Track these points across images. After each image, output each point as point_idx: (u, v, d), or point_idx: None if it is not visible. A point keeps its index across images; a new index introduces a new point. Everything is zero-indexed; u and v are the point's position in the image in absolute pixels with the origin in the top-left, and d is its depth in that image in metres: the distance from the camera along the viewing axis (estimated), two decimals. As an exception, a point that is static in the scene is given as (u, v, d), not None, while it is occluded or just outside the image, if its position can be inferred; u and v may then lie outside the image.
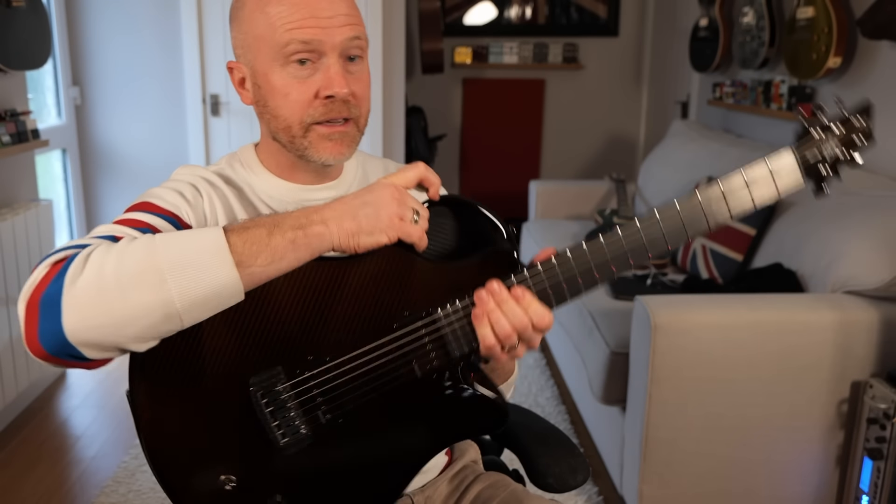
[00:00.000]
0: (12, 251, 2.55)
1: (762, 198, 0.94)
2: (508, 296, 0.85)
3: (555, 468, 1.12)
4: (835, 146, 1.00)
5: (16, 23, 2.58)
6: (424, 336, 0.87)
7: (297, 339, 0.85)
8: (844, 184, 2.25)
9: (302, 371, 0.85)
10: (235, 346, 0.83)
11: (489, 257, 0.89)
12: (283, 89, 0.93)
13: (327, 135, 0.95)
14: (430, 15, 4.03)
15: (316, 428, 0.86)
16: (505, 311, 0.85)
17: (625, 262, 0.89)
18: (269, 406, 0.84)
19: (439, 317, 0.87)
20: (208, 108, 3.63)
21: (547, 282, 0.87)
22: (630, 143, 4.89)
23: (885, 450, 1.76)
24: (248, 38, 0.95)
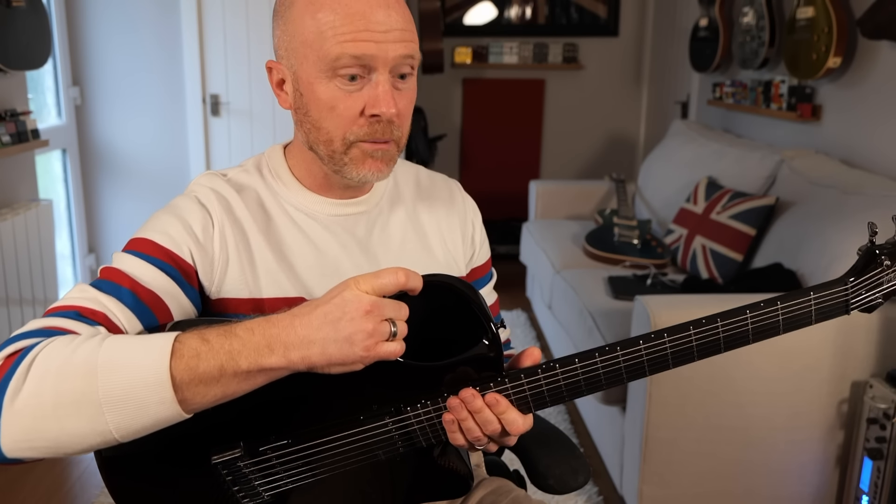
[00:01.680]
0: (12, 251, 2.55)
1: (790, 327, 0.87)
2: (483, 405, 0.82)
3: (555, 469, 1.12)
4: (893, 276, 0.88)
5: (16, 23, 2.58)
6: (392, 430, 0.85)
7: (260, 417, 0.84)
8: (844, 184, 2.26)
9: (265, 451, 0.85)
10: (198, 419, 0.77)
11: (470, 360, 0.84)
12: (329, 101, 0.88)
13: (370, 151, 0.90)
14: (430, 15, 4.03)
15: (278, 494, 0.88)
16: (477, 420, 0.82)
17: (619, 379, 0.84)
18: (230, 476, 0.85)
19: (409, 416, 0.85)
20: (208, 108, 3.63)
21: (528, 391, 0.84)
22: (630, 143, 4.89)
23: (885, 450, 1.76)
24: (295, 42, 0.89)
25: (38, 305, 2.73)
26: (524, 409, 0.84)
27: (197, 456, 0.85)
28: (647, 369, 0.84)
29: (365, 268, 0.98)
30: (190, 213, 0.92)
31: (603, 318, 2.27)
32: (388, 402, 0.85)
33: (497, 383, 0.83)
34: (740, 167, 2.77)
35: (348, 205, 0.99)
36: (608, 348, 0.83)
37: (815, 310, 0.85)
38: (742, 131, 3.39)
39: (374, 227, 1.01)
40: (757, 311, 0.84)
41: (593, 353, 0.83)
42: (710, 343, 0.86)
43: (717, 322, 0.85)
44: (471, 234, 1.11)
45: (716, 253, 2.53)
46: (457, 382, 0.84)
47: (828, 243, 2.03)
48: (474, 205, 1.14)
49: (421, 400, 0.84)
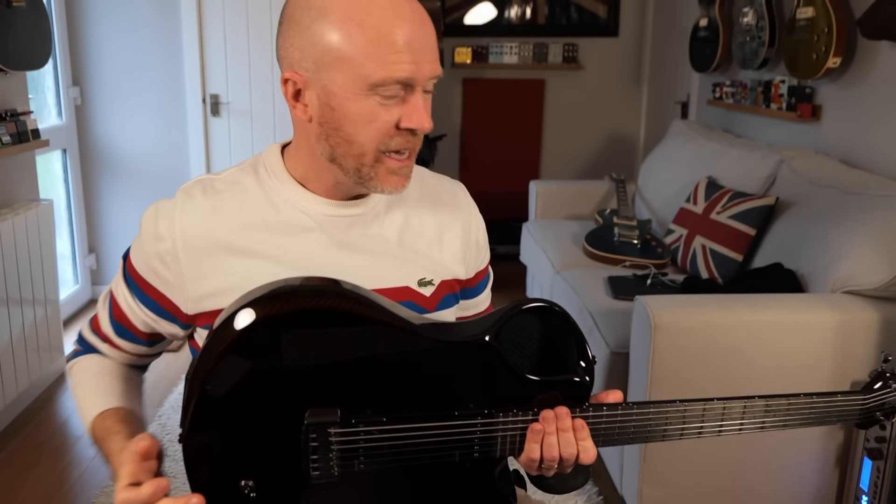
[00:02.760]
0: (12, 251, 2.55)
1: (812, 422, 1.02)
2: (570, 425, 0.90)
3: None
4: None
5: (16, 23, 2.58)
6: (477, 431, 0.90)
7: (362, 390, 0.88)
8: (844, 184, 2.26)
9: (357, 422, 0.87)
10: (305, 377, 0.85)
11: (564, 383, 0.92)
12: (367, 116, 0.89)
13: (396, 169, 0.93)
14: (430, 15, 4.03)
15: (347, 472, 0.89)
16: (560, 439, 0.90)
17: (679, 432, 0.96)
18: (315, 442, 0.86)
19: (497, 421, 0.90)
20: (208, 108, 3.63)
21: (603, 425, 0.93)
22: (630, 143, 4.89)
23: (885, 450, 1.76)
24: (328, 57, 0.87)
25: (37, 305, 2.73)
26: (596, 441, 0.93)
27: (289, 413, 0.86)
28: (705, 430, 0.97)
29: (357, 267, 0.98)
30: (147, 243, 0.98)
31: (603, 318, 2.27)
32: (483, 405, 0.90)
33: (583, 410, 0.92)
34: (740, 167, 2.78)
35: (345, 206, 0.99)
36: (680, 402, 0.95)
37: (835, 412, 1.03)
38: (742, 131, 3.39)
39: (370, 229, 1.00)
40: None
41: (673, 402, 0.95)
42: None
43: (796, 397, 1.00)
44: (474, 238, 1.10)
45: (716, 253, 2.53)
46: (547, 402, 0.91)
47: (828, 243, 2.03)
48: (477, 208, 1.15)
49: (513, 409, 0.91)
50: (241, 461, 0.86)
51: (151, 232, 0.97)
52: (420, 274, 1.01)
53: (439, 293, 1.03)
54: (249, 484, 0.86)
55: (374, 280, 0.98)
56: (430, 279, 1.02)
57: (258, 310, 0.84)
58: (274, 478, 0.87)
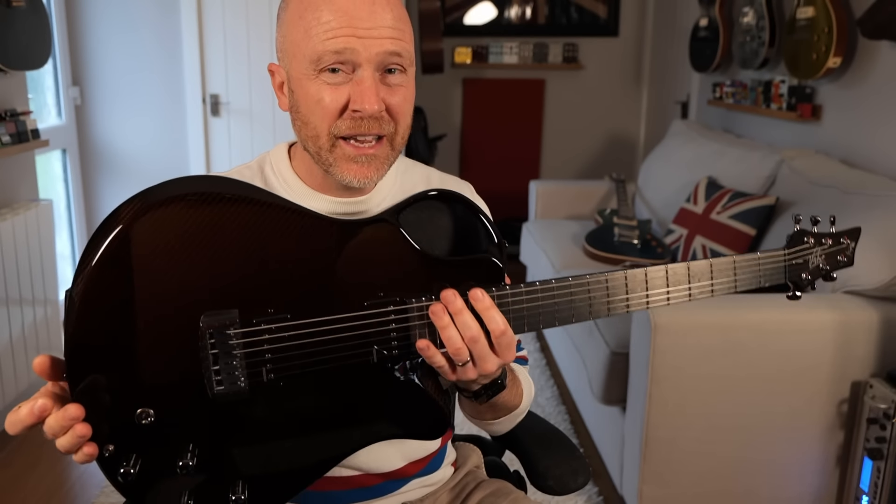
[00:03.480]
0: (12, 251, 2.55)
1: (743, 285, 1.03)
2: (463, 305, 0.82)
3: (555, 470, 1.12)
4: (820, 259, 1.09)
5: (16, 23, 2.58)
6: (391, 322, 0.83)
7: (261, 287, 0.80)
8: (845, 184, 2.26)
9: (258, 322, 0.79)
10: (199, 272, 0.77)
11: (474, 263, 0.88)
12: (315, 95, 0.89)
13: (353, 156, 0.90)
14: (430, 15, 4.03)
15: (254, 384, 0.80)
16: (458, 324, 0.82)
17: (604, 310, 0.91)
18: (215, 349, 0.78)
19: (411, 307, 0.84)
20: (208, 108, 3.63)
21: (511, 307, 0.86)
22: (630, 143, 4.89)
23: (885, 450, 1.76)
24: (287, 43, 0.92)
25: (37, 305, 2.73)
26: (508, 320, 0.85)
27: (182, 318, 0.78)
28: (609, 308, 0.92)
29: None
30: None
31: (603, 318, 2.27)
32: (394, 293, 0.84)
33: (486, 288, 0.85)
34: (740, 167, 2.77)
35: (348, 204, 0.99)
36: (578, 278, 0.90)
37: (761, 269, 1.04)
38: (742, 131, 3.39)
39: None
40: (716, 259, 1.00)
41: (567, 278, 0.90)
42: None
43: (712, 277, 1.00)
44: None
45: (716, 253, 2.53)
46: (458, 283, 0.84)
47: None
48: (486, 208, 1.13)
49: (425, 294, 0.84)
50: (134, 387, 0.77)
51: None
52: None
53: None
54: (148, 412, 0.77)
55: None
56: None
57: (136, 208, 0.75)
58: (174, 401, 0.79)
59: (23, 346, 2.63)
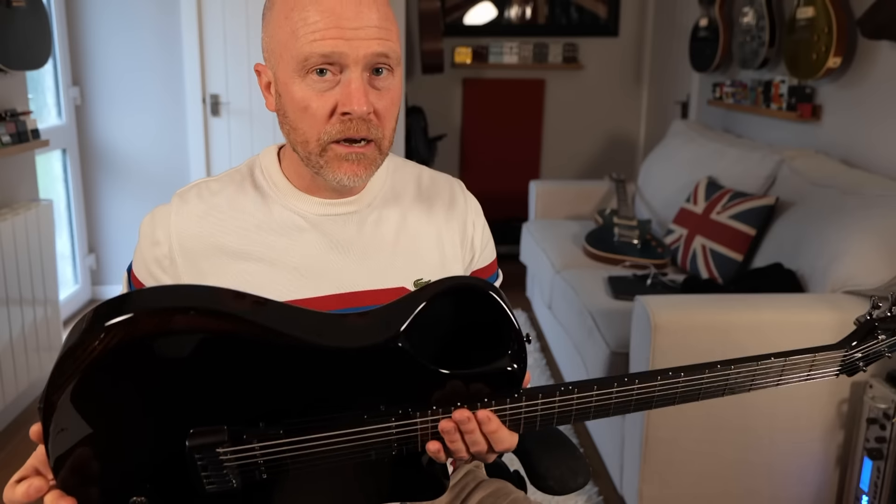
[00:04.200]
0: (12, 251, 2.55)
1: (787, 382, 0.95)
2: (475, 426, 0.81)
3: (555, 470, 1.12)
4: (885, 347, 0.98)
5: (16, 23, 2.58)
6: (393, 433, 0.81)
7: (251, 401, 0.78)
8: (844, 184, 2.26)
9: (250, 438, 0.78)
10: (187, 390, 0.76)
11: (491, 373, 0.82)
12: (302, 101, 0.88)
13: (345, 155, 0.90)
14: (430, 15, 4.03)
15: (248, 483, 0.80)
16: (467, 441, 0.81)
17: (606, 411, 0.86)
18: (202, 461, 0.77)
19: (416, 422, 0.81)
20: (208, 108, 3.63)
21: (524, 413, 0.83)
22: (630, 143, 4.89)
23: (885, 450, 1.76)
24: (273, 43, 0.90)
25: (37, 305, 2.73)
26: (514, 429, 0.84)
27: (171, 428, 0.77)
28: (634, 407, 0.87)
29: (352, 268, 0.97)
30: (146, 249, 0.98)
31: (603, 318, 2.27)
32: (397, 405, 0.81)
33: (498, 402, 0.82)
34: (740, 167, 2.77)
35: (338, 204, 0.99)
36: (603, 383, 0.85)
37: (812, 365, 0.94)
38: (742, 131, 3.39)
39: (365, 227, 1.00)
40: (764, 362, 0.91)
41: (591, 384, 0.84)
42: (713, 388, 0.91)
43: (731, 368, 0.91)
44: (471, 235, 1.09)
45: (716, 253, 2.53)
46: (469, 396, 0.82)
47: (827, 243, 2.03)
48: (476, 204, 1.12)
49: (432, 406, 0.81)
50: (125, 478, 0.77)
51: (149, 237, 0.98)
52: (416, 274, 1.01)
53: None
54: (141, 500, 0.77)
55: (370, 281, 0.98)
56: (426, 279, 1.01)
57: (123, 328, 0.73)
58: (167, 491, 0.79)
59: (23, 346, 2.63)
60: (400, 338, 0.80)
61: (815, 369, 0.94)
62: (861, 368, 0.97)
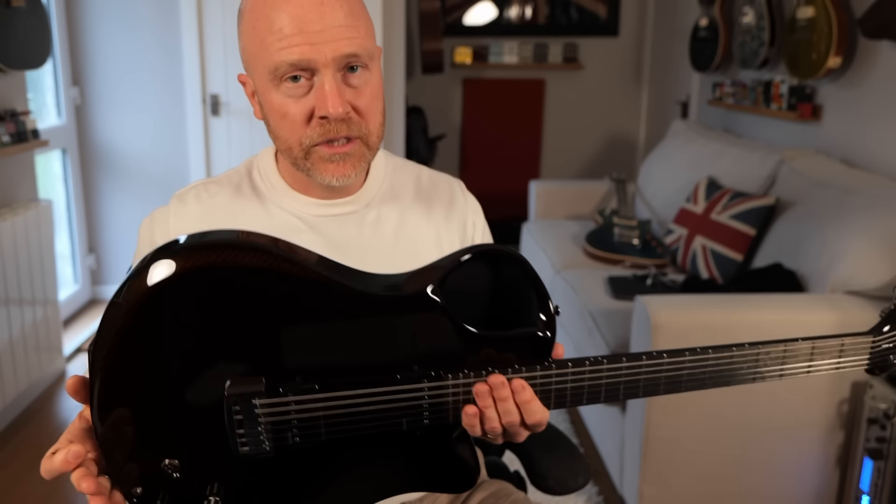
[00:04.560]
0: (12, 251, 2.55)
1: (818, 368, 0.92)
2: (509, 393, 0.80)
3: (555, 470, 1.12)
4: None
5: (16, 23, 2.58)
6: (425, 396, 0.81)
7: (289, 355, 0.79)
8: (844, 184, 2.26)
9: (285, 391, 0.78)
10: (225, 341, 0.77)
11: (522, 338, 0.83)
12: (280, 108, 0.89)
13: (328, 156, 0.90)
14: (430, 15, 4.03)
15: (280, 447, 0.80)
16: (499, 409, 0.81)
17: (636, 392, 0.86)
18: (239, 415, 0.78)
19: (447, 384, 0.81)
20: (208, 108, 3.63)
21: (554, 385, 0.83)
22: (630, 143, 4.89)
23: (886, 450, 1.76)
24: (246, 53, 0.91)
25: (37, 305, 2.73)
26: (545, 402, 0.83)
27: (208, 382, 0.77)
28: (664, 387, 0.86)
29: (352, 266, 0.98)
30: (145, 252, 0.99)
31: (603, 318, 2.27)
32: (430, 365, 0.81)
33: (529, 369, 0.82)
34: (740, 167, 2.77)
35: (335, 205, 0.99)
36: (633, 356, 0.85)
37: (841, 351, 0.92)
38: (742, 131, 3.39)
39: (364, 228, 1.00)
40: (792, 344, 0.90)
41: (620, 357, 0.84)
42: (745, 367, 0.89)
43: (759, 347, 0.89)
44: (471, 235, 1.09)
45: (716, 253, 2.53)
46: (501, 362, 0.82)
47: (828, 243, 2.03)
48: (476, 204, 1.13)
49: (463, 369, 0.81)
50: (160, 439, 0.78)
51: (148, 239, 0.98)
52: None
53: None
54: (174, 463, 0.78)
55: None
56: None
57: (171, 264, 0.74)
58: (200, 453, 0.79)
59: (23, 346, 2.63)
60: (435, 290, 0.80)
61: (844, 356, 0.92)
62: (893, 364, 0.95)
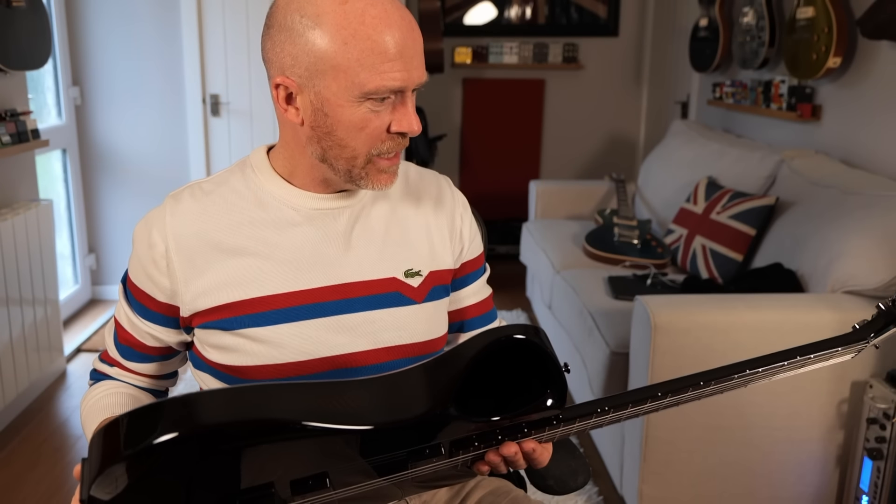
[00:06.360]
0: (12, 251, 2.55)
1: (810, 369, 1.01)
2: (521, 457, 0.90)
3: (555, 470, 1.12)
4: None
5: (16, 23, 2.58)
6: (434, 467, 0.88)
7: (301, 463, 0.81)
8: (844, 184, 2.26)
9: (300, 494, 0.82)
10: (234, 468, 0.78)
11: (529, 409, 0.88)
12: (360, 123, 0.91)
13: (386, 168, 0.96)
14: (430, 15, 4.03)
15: None
16: (509, 462, 0.90)
17: (636, 417, 0.95)
18: None
19: (457, 459, 0.88)
20: (208, 108, 3.63)
21: (560, 433, 0.91)
22: (630, 143, 4.89)
23: (885, 450, 1.76)
24: (321, 65, 0.89)
25: (38, 305, 2.73)
26: (549, 441, 0.93)
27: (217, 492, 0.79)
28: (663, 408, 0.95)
29: (345, 259, 1.00)
30: (142, 252, 0.99)
31: (603, 318, 2.27)
32: (440, 445, 0.86)
33: (537, 430, 0.89)
34: (740, 167, 2.77)
35: (330, 199, 1.01)
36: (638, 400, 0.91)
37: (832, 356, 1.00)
38: (742, 131, 3.39)
39: (357, 221, 1.02)
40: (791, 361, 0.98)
41: (626, 402, 0.91)
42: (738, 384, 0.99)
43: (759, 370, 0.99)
44: (459, 228, 1.11)
45: (716, 253, 2.53)
46: (512, 429, 0.88)
47: (828, 243, 2.03)
48: (464, 200, 1.15)
49: (474, 443, 0.87)
50: None
51: (145, 241, 0.99)
52: (407, 264, 1.03)
53: (427, 284, 1.04)
54: None
55: (361, 272, 1.00)
56: (417, 269, 1.03)
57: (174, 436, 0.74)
58: None
59: (23, 346, 2.63)
60: (450, 406, 0.84)
61: (835, 357, 1.01)
62: (875, 346, 1.03)
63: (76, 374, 2.99)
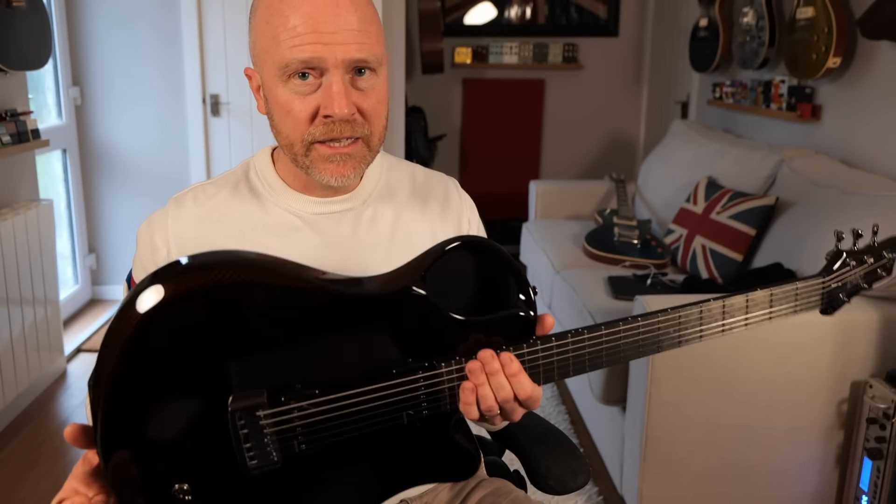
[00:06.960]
0: (12, 251, 2.55)
1: (777, 314, 1.01)
2: (499, 367, 0.84)
3: (555, 470, 1.12)
4: (859, 276, 1.07)
5: (16, 23, 2.58)
6: (421, 387, 0.85)
7: (287, 364, 0.81)
8: (844, 184, 2.26)
9: (287, 400, 0.80)
10: (222, 358, 0.79)
11: (505, 320, 0.87)
12: (286, 105, 0.90)
13: (328, 156, 0.91)
14: (430, 15, 4.03)
15: (287, 456, 0.82)
16: (492, 384, 0.84)
17: (617, 358, 0.91)
18: (245, 429, 0.79)
19: (441, 372, 0.85)
20: (208, 108, 3.63)
21: (541, 360, 0.87)
22: (630, 143, 4.89)
23: (885, 450, 1.76)
24: (257, 48, 0.92)
25: (37, 305, 2.73)
26: (534, 378, 0.87)
27: (210, 401, 0.79)
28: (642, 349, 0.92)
29: (349, 265, 0.99)
30: (145, 255, 1.00)
31: (603, 318, 2.26)
32: (423, 358, 0.85)
33: (516, 347, 0.86)
34: (740, 167, 2.77)
35: (332, 202, 1.00)
36: (610, 324, 0.90)
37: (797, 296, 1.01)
38: (742, 131, 3.39)
39: (360, 225, 1.01)
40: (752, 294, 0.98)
41: (599, 326, 0.89)
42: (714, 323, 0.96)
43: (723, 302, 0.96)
44: (465, 231, 1.11)
45: (716, 253, 2.53)
46: (489, 345, 0.85)
47: (827, 243, 2.02)
48: (471, 202, 1.14)
49: (455, 356, 0.85)
50: (168, 465, 0.78)
51: (147, 244, 0.99)
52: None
53: None
54: (184, 487, 0.79)
55: None
56: None
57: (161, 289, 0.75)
58: (209, 475, 0.80)
59: (23, 346, 2.63)
60: (418, 284, 0.84)
61: (800, 300, 1.01)
62: (844, 301, 1.05)
63: (76, 374, 2.99)
